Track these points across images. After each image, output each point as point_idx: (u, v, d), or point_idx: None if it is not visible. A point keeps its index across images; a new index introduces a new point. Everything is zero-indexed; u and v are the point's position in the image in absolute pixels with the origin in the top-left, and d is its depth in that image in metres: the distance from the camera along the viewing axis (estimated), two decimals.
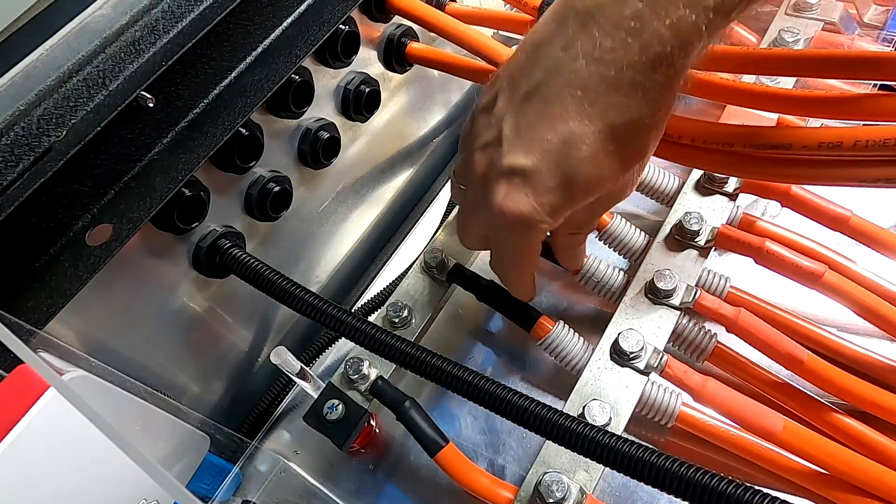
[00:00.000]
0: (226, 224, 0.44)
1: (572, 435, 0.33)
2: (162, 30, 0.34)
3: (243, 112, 0.40)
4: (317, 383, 0.44)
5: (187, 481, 0.39)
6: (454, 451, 0.39)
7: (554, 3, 0.30)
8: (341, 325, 0.38)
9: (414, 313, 0.46)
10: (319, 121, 0.48)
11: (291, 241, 0.52)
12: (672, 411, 0.39)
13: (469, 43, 0.46)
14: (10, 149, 0.29)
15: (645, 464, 0.31)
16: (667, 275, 0.42)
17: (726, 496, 0.29)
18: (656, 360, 0.40)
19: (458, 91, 0.67)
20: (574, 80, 0.29)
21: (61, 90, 0.31)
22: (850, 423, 0.38)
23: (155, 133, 0.36)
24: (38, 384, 0.27)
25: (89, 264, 0.35)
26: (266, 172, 0.45)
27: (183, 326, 0.45)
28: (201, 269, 0.43)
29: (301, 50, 0.43)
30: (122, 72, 0.33)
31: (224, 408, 0.51)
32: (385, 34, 0.52)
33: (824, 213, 0.46)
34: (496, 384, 0.35)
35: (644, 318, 0.42)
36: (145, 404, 0.35)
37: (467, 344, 0.51)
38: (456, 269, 0.47)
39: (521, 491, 0.37)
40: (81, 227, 0.34)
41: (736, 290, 0.44)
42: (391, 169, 0.61)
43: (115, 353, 0.40)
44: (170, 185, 0.37)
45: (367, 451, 0.46)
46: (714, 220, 0.46)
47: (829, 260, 0.44)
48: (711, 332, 0.41)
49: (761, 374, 0.40)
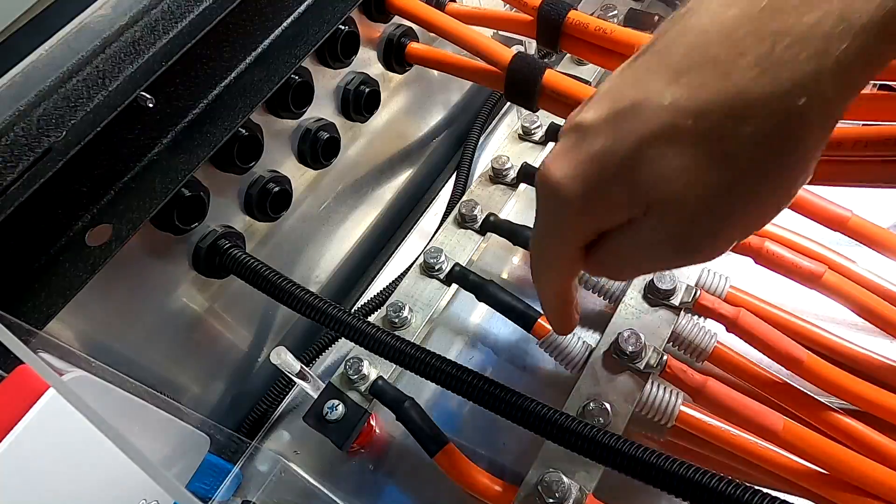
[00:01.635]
0: (226, 224, 0.44)
1: (572, 435, 0.33)
2: (162, 30, 0.34)
3: (243, 112, 0.40)
4: (317, 383, 0.44)
5: (187, 481, 0.39)
6: (454, 451, 0.39)
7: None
8: (341, 325, 0.38)
9: (414, 313, 0.46)
10: (319, 121, 0.48)
11: (291, 241, 0.52)
12: (672, 411, 0.39)
13: (469, 43, 0.46)
14: (10, 149, 0.29)
15: (645, 464, 0.31)
16: (667, 275, 0.42)
17: (726, 496, 0.29)
18: (656, 360, 0.40)
19: (458, 91, 0.67)
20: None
21: (61, 90, 0.31)
22: (850, 423, 0.38)
23: (155, 133, 0.36)
24: (38, 384, 0.27)
25: (89, 264, 0.35)
26: (266, 172, 0.45)
27: (183, 326, 0.45)
28: (201, 270, 0.43)
29: (301, 50, 0.43)
30: (122, 72, 0.33)
31: (224, 408, 0.51)
32: (385, 34, 0.52)
33: (824, 213, 0.46)
34: (496, 384, 0.35)
35: (644, 318, 0.42)
36: (145, 404, 0.35)
37: (467, 344, 0.51)
38: (456, 270, 0.47)
39: (521, 491, 0.37)
40: (81, 227, 0.34)
41: (736, 290, 0.44)
42: (391, 169, 0.61)
43: (115, 353, 0.40)
44: (170, 186, 0.37)
45: (367, 451, 0.46)
46: None
47: (829, 260, 0.44)
48: (711, 332, 0.42)
49: (761, 374, 0.40)
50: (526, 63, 0.44)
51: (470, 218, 0.50)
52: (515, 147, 0.55)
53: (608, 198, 0.25)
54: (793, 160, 0.22)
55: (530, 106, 0.45)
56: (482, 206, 0.51)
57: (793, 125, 0.21)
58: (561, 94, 0.43)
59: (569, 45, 0.46)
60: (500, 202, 0.52)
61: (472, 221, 0.50)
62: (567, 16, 0.44)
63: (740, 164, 0.22)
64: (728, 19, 0.21)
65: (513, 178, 0.53)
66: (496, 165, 0.53)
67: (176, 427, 0.38)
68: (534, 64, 0.44)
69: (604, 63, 0.45)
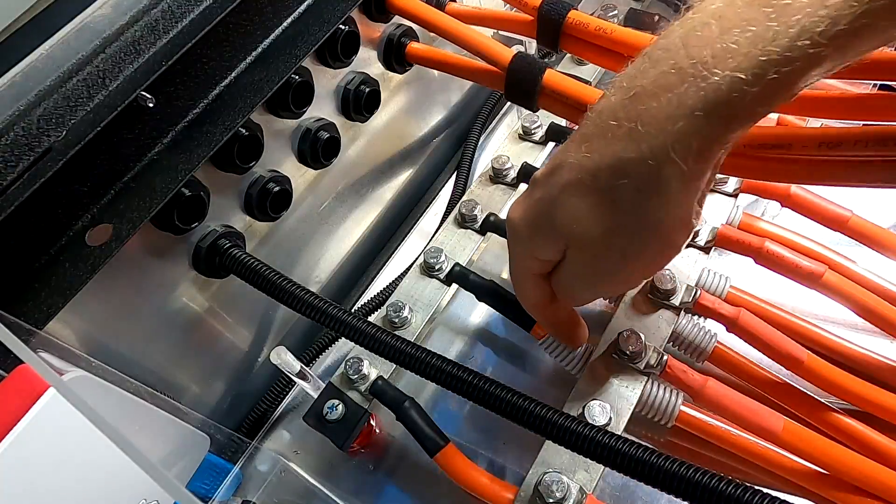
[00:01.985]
0: (226, 224, 0.44)
1: (572, 435, 0.33)
2: (162, 30, 0.34)
3: (243, 112, 0.40)
4: (317, 383, 0.44)
5: (187, 481, 0.39)
6: (454, 451, 0.39)
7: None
8: (341, 325, 0.38)
9: (414, 313, 0.46)
10: (319, 121, 0.48)
11: (291, 241, 0.52)
12: (672, 411, 0.39)
13: (469, 43, 0.46)
14: (10, 149, 0.29)
15: (645, 464, 0.31)
16: (667, 275, 0.42)
17: (726, 496, 0.29)
18: (656, 360, 0.40)
19: (458, 91, 0.67)
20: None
21: (61, 90, 0.31)
22: (850, 423, 0.38)
23: (155, 133, 0.36)
24: (38, 384, 0.27)
25: (89, 264, 0.35)
26: (266, 172, 0.45)
27: (183, 326, 0.45)
28: (201, 269, 0.43)
29: (301, 50, 0.43)
30: (122, 72, 0.33)
31: (224, 408, 0.51)
32: (385, 34, 0.52)
33: (824, 213, 0.46)
34: (496, 384, 0.35)
35: (644, 319, 0.42)
36: (145, 404, 0.35)
37: (467, 344, 0.51)
38: (456, 270, 0.47)
39: (521, 491, 0.37)
40: (81, 227, 0.34)
41: (736, 290, 0.44)
42: (391, 169, 0.61)
43: (115, 353, 0.40)
44: (170, 185, 0.37)
45: (367, 451, 0.46)
46: (714, 219, 0.46)
47: (829, 260, 0.44)
48: (711, 332, 0.41)
49: (761, 374, 0.40)
50: (526, 63, 0.44)
51: (470, 218, 0.50)
52: (515, 147, 0.55)
53: (542, 234, 0.32)
54: (662, 204, 0.28)
55: (530, 106, 0.45)
56: (482, 205, 0.51)
57: (654, 180, 0.28)
58: (561, 93, 0.43)
59: (569, 44, 0.46)
60: (501, 202, 0.52)
61: (472, 221, 0.50)
62: (567, 16, 0.44)
63: (624, 208, 0.29)
64: (614, 102, 0.28)
65: (513, 178, 0.53)
66: (496, 165, 0.53)
67: (176, 427, 0.38)
68: (534, 64, 0.44)
69: (604, 63, 0.45)
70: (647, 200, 0.28)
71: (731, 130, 0.26)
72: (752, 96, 0.25)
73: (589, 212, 0.30)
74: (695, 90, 0.25)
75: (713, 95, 0.25)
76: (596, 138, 0.29)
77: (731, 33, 0.25)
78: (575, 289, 0.34)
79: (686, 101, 0.26)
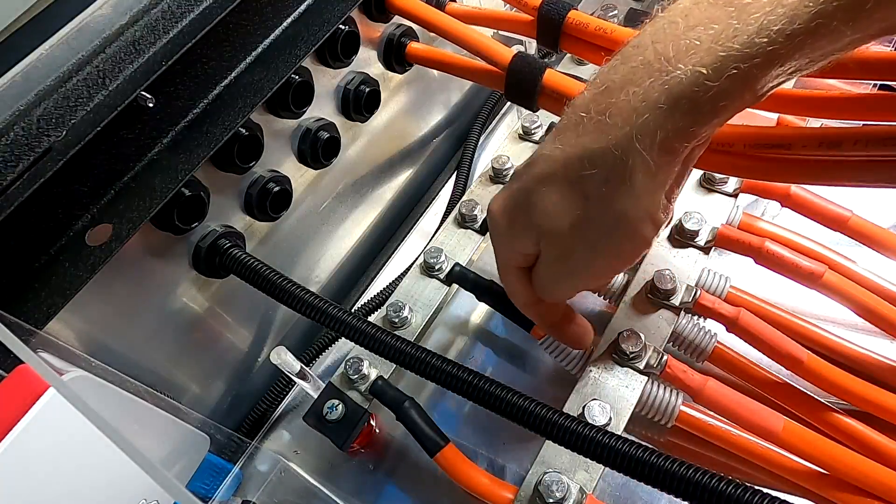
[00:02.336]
0: (226, 224, 0.44)
1: (572, 435, 0.33)
2: (162, 30, 0.34)
3: (243, 112, 0.40)
4: (317, 383, 0.44)
5: (187, 481, 0.39)
6: (454, 451, 0.39)
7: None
8: (341, 325, 0.38)
9: (414, 313, 0.46)
10: (319, 121, 0.48)
11: (291, 241, 0.52)
12: (672, 411, 0.39)
13: (469, 43, 0.46)
14: (10, 149, 0.29)
15: (645, 464, 0.31)
16: (667, 275, 0.42)
17: (726, 496, 0.29)
18: (656, 360, 0.40)
19: (458, 91, 0.67)
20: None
21: (61, 90, 0.31)
22: (850, 423, 0.38)
23: (155, 133, 0.36)
24: (38, 384, 0.27)
25: (89, 264, 0.35)
26: (266, 172, 0.45)
27: (183, 326, 0.45)
28: (201, 269, 0.43)
29: (301, 50, 0.43)
30: (122, 72, 0.33)
31: (224, 408, 0.51)
32: (385, 34, 0.52)
33: (824, 213, 0.46)
34: (496, 384, 0.35)
35: (644, 319, 0.42)
36: (145, 404, 0.35)
37: (467, 344, 0.51)
38: (456, 270, 0.47)
39: (521, 491, 0.37)
40: (81, 227, 0.34)
41: (736, 290, 0.44)
42: (391, 169, 0.61)
43: (115, 353, 0.40)
44: (170, 185, 0.37)
45: (367, 451, 0.46)
46: (714, 219, 0.46)
47: (829, 260, 0.44)
48: (711, 332, 0.41)
49: (761, 374, 0.40)
50: (526, 63, 0.44)
51: (470, 218, 0.50)
52: (516, 147, 0.55)
53: (518, 226, 0.33)
54: (628, 195, 0.29)
55: (530, 106, 0.45)
56: (482, 205, 0.51)
57: (620, 170, 0.28)
58: (561, 93, 0.43)
59: (569, 44, 0.46)
60: None
61: (472, 221, 0.50)
62: (567, 16, 0.44)
63: (592, 199, 0.30)
64: (586, 97, 0.30)
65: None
66: (496, 165, 0.53)
67: (176, 427, 0.38)
68: (534, 64, 0.44)
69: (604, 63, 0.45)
70: (613, 191, 0.29)
71: (695, 124, 0.27)
72: (713, 91, 0.26)
73: (559, 202, 0.31)
74: (659, 84, 0.27)
75: (676, 89, 0.26)
76: (568, 131, 0.30)
77: (695, 30, 0.26)
78: (549, 282, 0.35)
79: (651, 94, 0.27)
